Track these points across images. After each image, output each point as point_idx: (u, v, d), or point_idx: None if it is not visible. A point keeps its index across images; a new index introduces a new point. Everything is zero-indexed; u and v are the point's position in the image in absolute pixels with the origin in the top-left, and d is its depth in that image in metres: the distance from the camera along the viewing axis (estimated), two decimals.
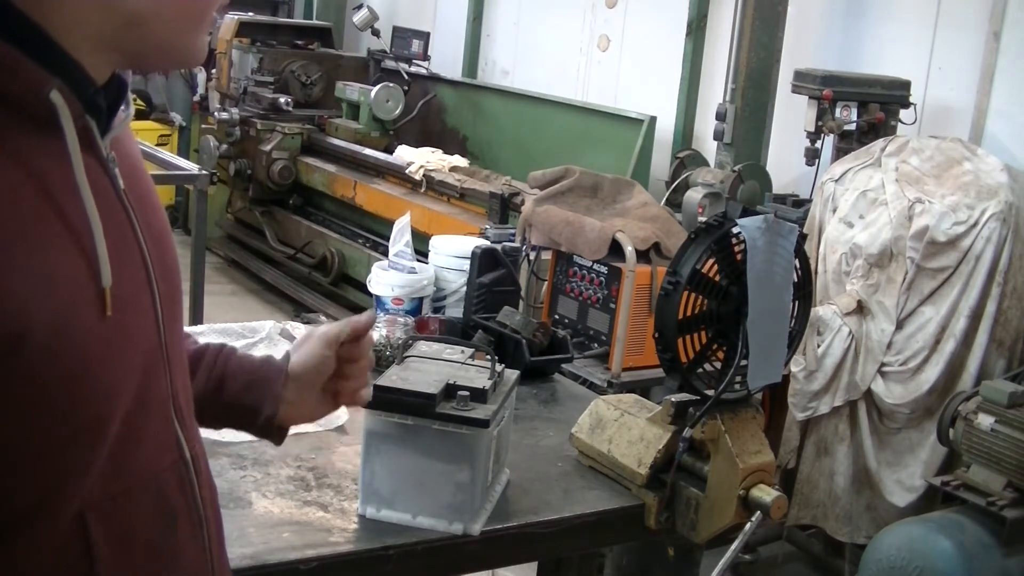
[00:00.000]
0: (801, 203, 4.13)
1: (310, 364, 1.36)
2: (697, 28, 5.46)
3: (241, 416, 1.35)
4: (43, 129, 0.92)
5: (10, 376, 0.88)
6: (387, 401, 1.66)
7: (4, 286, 0.85)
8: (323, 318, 5.07)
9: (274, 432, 1.36)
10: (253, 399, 1.32)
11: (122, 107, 1.04)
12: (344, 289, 6.31)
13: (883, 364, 3.53)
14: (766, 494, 1.72)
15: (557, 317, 3.64)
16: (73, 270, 0.92)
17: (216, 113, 7.08)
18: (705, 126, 5.27)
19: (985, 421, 3.01)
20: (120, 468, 1.00)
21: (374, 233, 6.19)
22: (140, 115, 8.05)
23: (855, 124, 4.13)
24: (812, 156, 4.17)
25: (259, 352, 2.32)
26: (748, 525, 1.71)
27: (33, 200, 0.90)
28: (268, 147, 6.72)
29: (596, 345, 3.51)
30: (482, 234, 3.54)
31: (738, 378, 1.77)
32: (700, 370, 1.80)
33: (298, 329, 2.53)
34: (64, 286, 0.91)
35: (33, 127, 0.92)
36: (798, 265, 1.83)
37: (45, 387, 0.91)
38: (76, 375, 0.92)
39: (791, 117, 4.55)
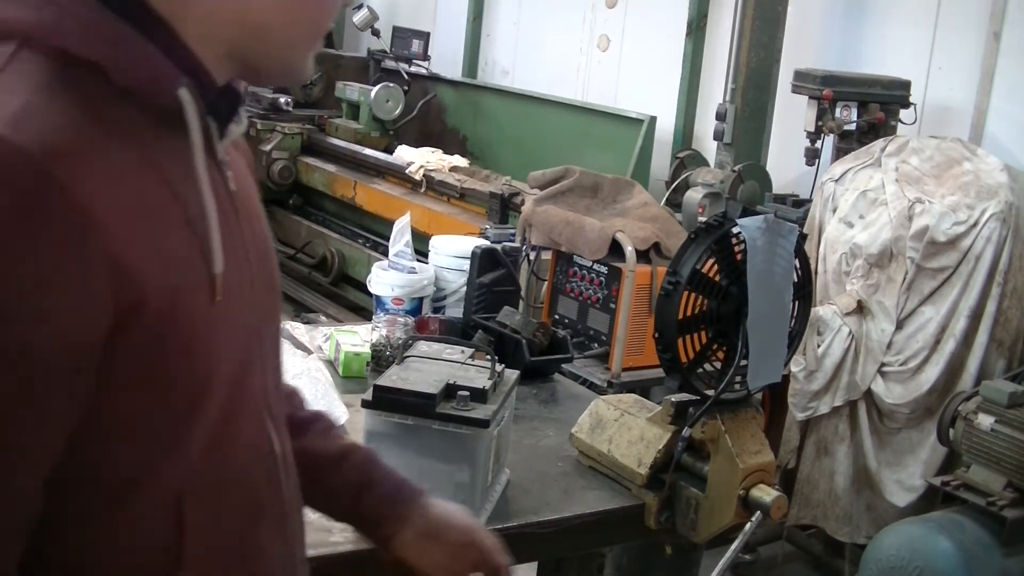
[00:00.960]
0: (801, 203, 4.13)
1: (451, 532, 1.39)
2: (697, 28, 5.46)
3: (362, 525, 1.41)
4: (165, 125, 0.96)
5: (124, 345, 0.91)
6: (387, 401, 1.66)
7: (127, 257, 0.89)
8: (323, 318, 5.07)
9: (387, 555, 1.39)
10: (383, 512, 1.37)
11: (236, 117, 1.08)
12: (344, 289, 6.30)
13: (883, 364, 3.53)
14: (766, 494, 1.72)
15: (557, 317, 3.64)
16: (188, 255, 0.96)
17: None
18: (705, 126, 5.26)
19: (985, 421, 3.01)
20: (216, 457, 1.02)
21: (374, 233, 6.19)
22: None
23: (855, 124, 4.12)
24: (812, 156, 4.16)
25: None
26: (748, 525, 1.71)
27: (154, 187, 0.94)
28: (268, 147, 6.72)
29: (596, 345, 3.51)
30: (482, 234, 3.54)
31: (738, 378, 1.77)
32: (700, 370, 1.80)
33: (298, 329, 2.53)
34: (179, 267, 0.94)
35: (154, 122, 0.96)
36: (798, 265, 1.83)
37: (153, 362, 0.94)
38: (183, 353, 0.95)
39: (791, 117, 4.54)
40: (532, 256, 3.65)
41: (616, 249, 3.41)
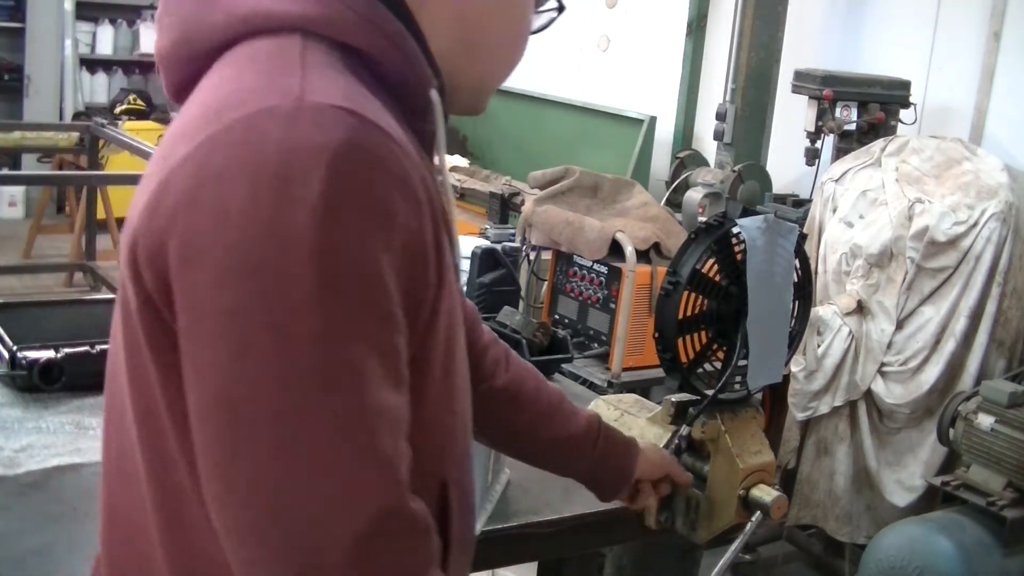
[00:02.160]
0: (801, 203, 4.13)
1: (654, 467, 1.62)
2: (697, 28, 5.46)
3: (599, 483, 1.59)
4: (409, 122, 1.00)
5: (437, 310, 0.96)
6: None
7: (436, 224, 0.95)
8: None
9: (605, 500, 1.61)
10: (617, 475, 1.58)
11: None
12: None
13: (883, 364, 3.53)
14: (766, 494, 1.71)
15: (557, 317, 3.64)
16: (444, 238, 1.01)
17: None
18: (705, 126, 5.26)
19: (985, 421, 3.01)
20: (463, 448, 1.11)
21: None
22: (140, 115, 8.04)
23: (855, 124, 4.13)
24: (812, 156, 4.16)
25: None
26: (748, 525, 1.70)
27: (427, 175, 0.98)
28: None
29: (596, 345, 3.51)
30: (482, 234, 3.54)
31: (738, 378, 1.77)
32: (700, 370, 1.79)
33: None
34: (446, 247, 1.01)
35: (405, 118, 1.00)
36: (798, 265, 1.83)
37: (444, 334, 0.99)
38: (450, 333, 1.01)
39: (791, 117, 4.55)
40: (532, 256, 3.65)
41: (616, 249, 3.41)
